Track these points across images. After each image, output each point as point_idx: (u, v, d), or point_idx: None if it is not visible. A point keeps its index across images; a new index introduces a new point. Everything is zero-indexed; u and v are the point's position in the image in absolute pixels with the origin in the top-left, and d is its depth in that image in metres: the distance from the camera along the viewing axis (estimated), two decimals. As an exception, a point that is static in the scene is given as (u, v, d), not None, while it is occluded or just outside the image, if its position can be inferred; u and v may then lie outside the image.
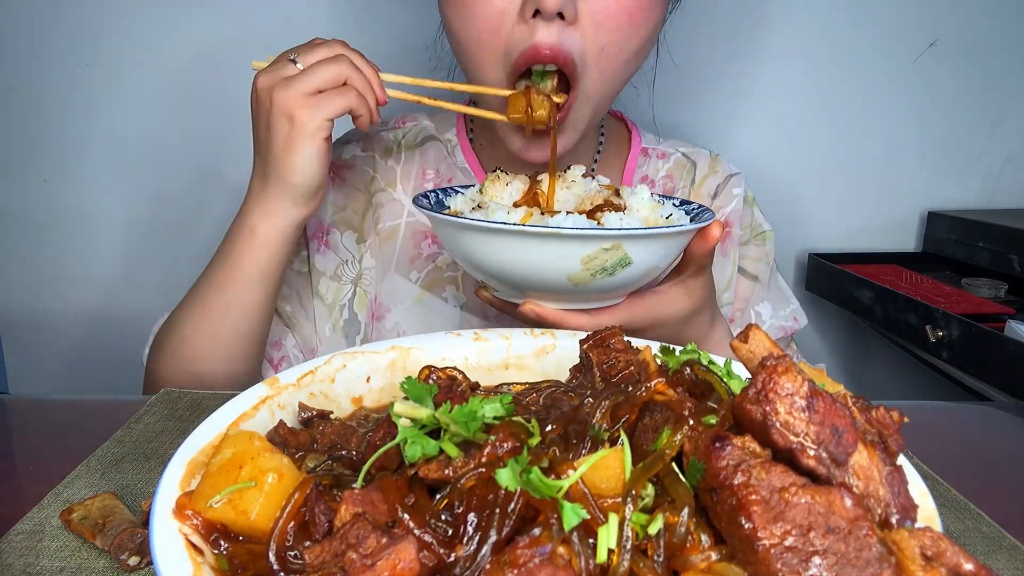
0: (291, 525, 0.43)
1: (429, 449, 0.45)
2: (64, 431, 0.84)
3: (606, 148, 1.30)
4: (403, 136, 1.29)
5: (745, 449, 0.39)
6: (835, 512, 0.37)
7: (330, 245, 1.22)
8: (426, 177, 1.26)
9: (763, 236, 1.32)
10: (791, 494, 0.37)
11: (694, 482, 0.41)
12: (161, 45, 1.67)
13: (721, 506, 0.38)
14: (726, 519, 0.38)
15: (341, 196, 1.24)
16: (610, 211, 0.87)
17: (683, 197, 1.28)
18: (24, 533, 0.62)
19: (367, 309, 1.22)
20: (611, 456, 0.43)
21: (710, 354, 0.55)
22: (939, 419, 0.99)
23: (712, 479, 0.39)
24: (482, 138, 1.28)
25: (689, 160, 1.33)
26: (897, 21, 1.78)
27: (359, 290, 1.22)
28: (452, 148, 1.28)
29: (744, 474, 0.38)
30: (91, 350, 1.83)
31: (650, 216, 0.93)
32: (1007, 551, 0.65)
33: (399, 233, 1.23)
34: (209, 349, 1.03)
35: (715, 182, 1.31)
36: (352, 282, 1.22)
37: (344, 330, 1.21)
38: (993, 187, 1.93)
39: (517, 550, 0.37)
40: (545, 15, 0.94)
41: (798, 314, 1.32)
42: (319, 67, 0.93)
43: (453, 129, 1.30)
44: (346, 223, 1.23)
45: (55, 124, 1.71)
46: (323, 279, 1.21)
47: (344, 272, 1.22)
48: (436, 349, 0.70)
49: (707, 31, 1.71)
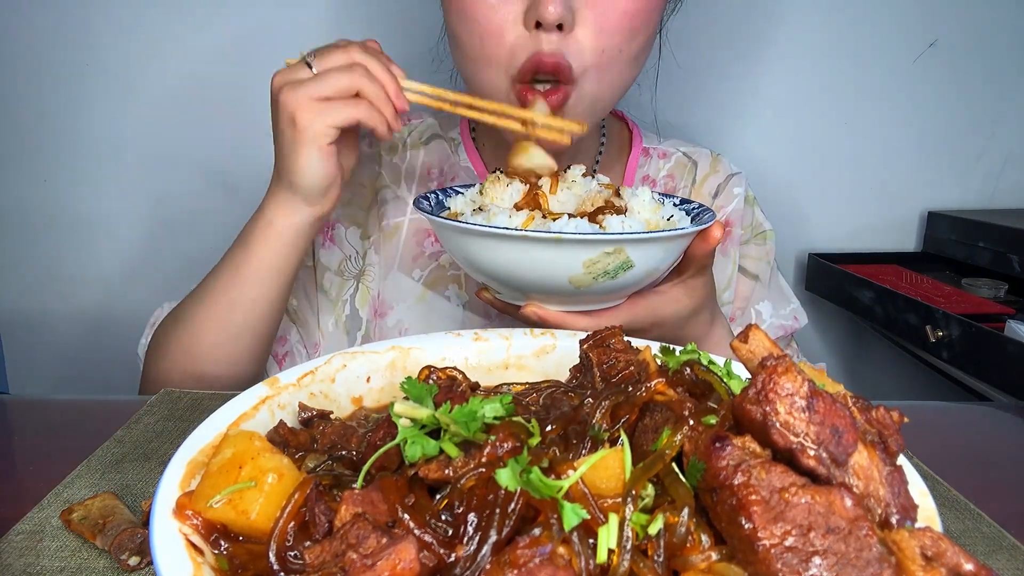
0: (291, 525, 0.43)
1: (429, 449, 0.45)
2: (64, 431, 0.84)
3: (607, 148, 1.31)
4: (408, 134, 1.29)
5: (745, 449, 0.39)
6: (835, 512, 0.37)
7: (335, 240, 1.23)
8: (430, 176, 1.26)
9: (764, 235, 1.33)
10: (791, 494, 0.37)
11: (694, 482, 0.41)
12: (163, 46, 1.67)
13: (721, 506, 0.38)
14: (726, 519, 0.38)
15: (347, 191, 1.24)
16: (611, 213, 0.87)
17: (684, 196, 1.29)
18: (24, 533, 0.62)
19: (369, 305, 1.22)
20: (611, 456, 0.43)
21: (710, 353, 0.55)
22: (939, 419, 0.99)
23: (712, 479, 0.39)
24: (484, 137, 1.29)
25: (690, 160, 1.34)
26: (897, 21, 1.78)
27: (361, 286, 1.22)
28: (456, 147, 1.28)
29: (744, 474, 0.38)
30: (91, 350, 1.83)
31: (651, 218, 0.93)
32: (1007, 551, 0.65)
33: (402, 231, 1.23)
34: (214, 343, 1.02)
35: (716, 181, 1.32)
36: (355, 278, 1.23)
37: (346, 326, 1.21)
38: (993, 187, 1.93)
39: (517, 550, 0.37)
40: (546, 27, 0.95)
41: (798, 313, 1.32)
42: (330, 75, 0.92)
43: (457, 128, 1.30)
44: (351, 218, 1.24)
45: (55, 124, 1.71)
46: (327, 274, 1.22)
47: (347, 267, 1.23)
48: (436, 349, 0.70)
49: (708, 32, 1.71)
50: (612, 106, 1.13)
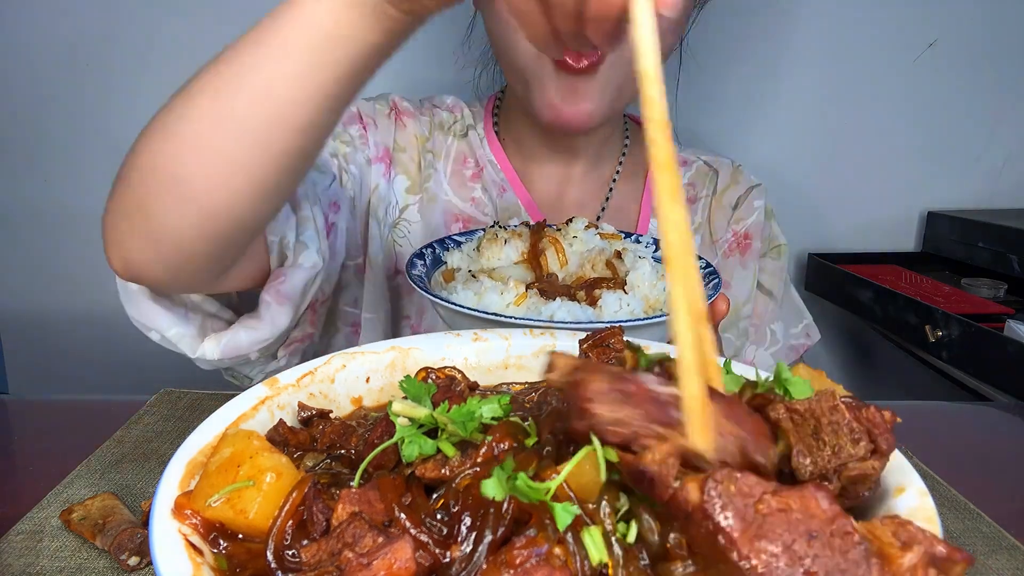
0: (289, 524, 0.43)
1: (426, 449, 0.45)
2: (64, 431, 0.84)
3: (630, 152, 1.32)
4: (454, 122, 1.31)
5: (667, 465, 0.38)
6: (813, 515, 0.35)
7: (389, 178, 1.22)
8: (466, 164, 1.28)
9: (778, 249, 1.33)
10: (764, 504, 0.36)
11: (652, 502, 0.40)
12: (164, 46, 1.68)
13: (695, 529, 0.36)
14: (706, 544, 0.36)
15: (402, 139, 1.25)
16: (609, 287, 0.87)
17: (704, 206, 1.31)
18: (24, 533, 0.62)
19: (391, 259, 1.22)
20: (588, 459, 0.42)
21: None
22: (939, 419, 0.99)
23: (674, 508, 0.37)
24: (506, 132, 1.30)
25: (711, 169, 1.34)
26: (897, 21, 1.78)
27: (390, 236, 1.22)
28: (481, 140, 1.30)
29: (719, 496, 0.36)
30: (91, 350, 1.83)
31: (650, 294, 0.90)
32: (1007, 551, 0.65)
33: (439, 203, 1.24)
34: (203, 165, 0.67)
35: (736, 193, 1.32)
36: (389, 227, 1.23)
37: (384, 265, 1.20)
38: (993, 187, 1.93)
39: (513, 550, 0.37)
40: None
41: (811, 329, 1.32)
42: None
43: (482, 123, 1.32)
44: (402, 167, 1.24)
45: (55, 124, 1.71)
46: (379, 207, 1.20)
47: (388, 214, 1.22)
48: (436, 349, 0.70)
49: (709, 34, 1.71)
50: (632, 96, 1.11)
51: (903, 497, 0.45)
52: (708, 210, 1.32)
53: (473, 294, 0.86)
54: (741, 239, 1.30)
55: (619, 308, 0.84)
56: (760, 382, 0.49)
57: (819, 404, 0.43)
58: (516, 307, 0.85)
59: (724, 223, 1.31)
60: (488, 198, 1.27)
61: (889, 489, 0.46)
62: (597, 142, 1.26)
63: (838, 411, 0.43)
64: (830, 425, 0.43)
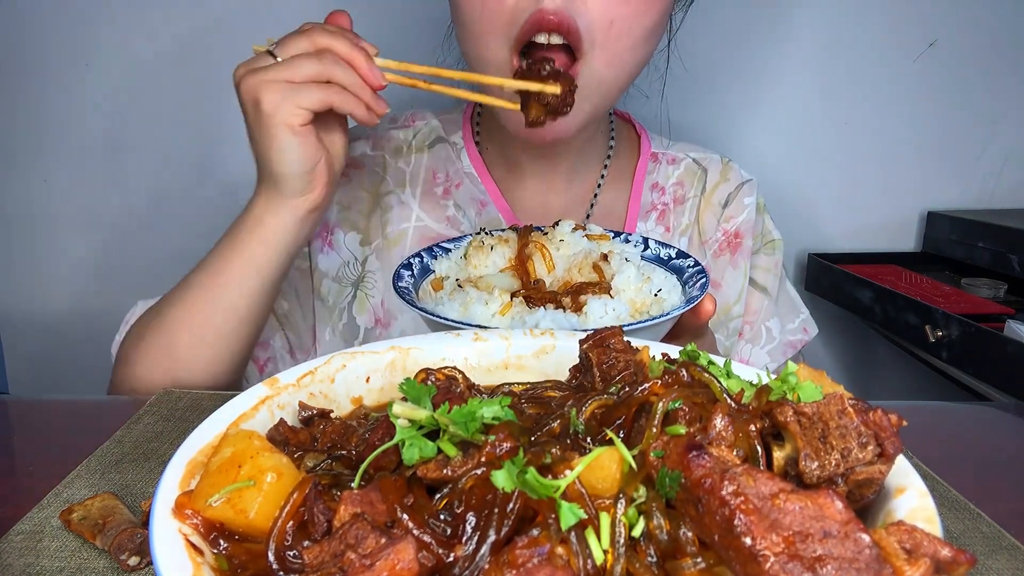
0: (290, 525, 0.43)
1: (426, 451, 0.45)
2: (64, 431, 0.84)
3: (616, 152, 1.29)
4: (414, 136, 1.27)
5: (720, 458, 0.39)
6: (827, 516, 0.36)
7: (333, 245, 1.21)
8: (436, 180, 1.24)
9: (772, 244, 1.31)
10: (782, 500, 0.36)
11: (667, 492, 0.40)
12: (165, 46, 1.68)
13: (709, 517, 0.37)
14: (718, 530, 0.37)
15: (346, 196, 1.22)
16: (595, 292, 0.86)
17: (693, 207, 1.28)
18: (24, 533, 0.62)
19: (368, 313, 1.20)
20: (606, 456, 0.43)
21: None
22: (939, 419, 0.99)
23: (695, 488, 0.38)
24: (488, 141, 1.27)
25: (700, 167, 1.31)
26: (897, 21, 1.78)
27: (360, 294, 1.20)
28: (459, 151, 1.26)
29: (732, 482, 0.37)
30: (91, 350, 1.82)
31: (636, 298, 0.89)
32: (1007, 551, 0.65)
33: (407, 238, 1.21)
34: (190, 346, 0.97)
35: (726, 191, 1.29)
36: (353, 285, 1.21)
37: (343, 335, 1.19)
38: (993, 187, 1.93)
39: (516, 550, 0.37)
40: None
41: (808, 324, 1.30)
42: (295, 61, 0.87)
43: (459, 132, 1.28)
44: (350, 223, 1.22)
45: (55, 124, 1.71)
46: (325, 280, 1.20)
47: (345, 274, 1.20)
48: (436, 349, 0.70)
49: (708, 33, 1.71)
50: (620, 93, 1.09)
51: (903, 497, 0.45)
52: (697, 210, 1.28)
53: (459, 305, 0.86)
54: (732, 238, 1.27)
55: (604, 314, 0.83)
56: (773, 386, 0.49)
57: (827, 407, 0.43)
58: (501, 317, 0.84)
59: (714, 223, 1.28)
60: (463, 215, 1.22)
61: (890, 489, 0.46)
62: (580, 142, 1.21)
63: (847, 415, 0.43)
64: (838, 429, 0.43)
